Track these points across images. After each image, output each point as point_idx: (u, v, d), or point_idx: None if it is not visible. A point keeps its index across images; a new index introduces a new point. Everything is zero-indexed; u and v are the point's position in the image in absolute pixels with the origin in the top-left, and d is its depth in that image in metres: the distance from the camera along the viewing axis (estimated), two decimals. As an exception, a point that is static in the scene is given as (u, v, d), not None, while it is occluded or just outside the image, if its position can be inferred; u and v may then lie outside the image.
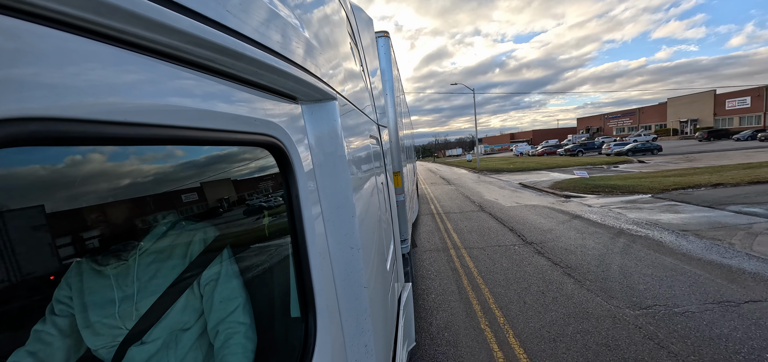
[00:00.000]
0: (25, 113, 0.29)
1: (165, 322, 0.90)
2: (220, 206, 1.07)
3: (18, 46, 0.29)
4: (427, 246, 7.19)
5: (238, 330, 0.94)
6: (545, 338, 3.58)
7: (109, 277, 0.86)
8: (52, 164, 0.54)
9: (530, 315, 4.06)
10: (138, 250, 0.88)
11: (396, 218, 3.15)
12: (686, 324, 3.63)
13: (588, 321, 3.82)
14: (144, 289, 0.88)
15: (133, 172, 0.71)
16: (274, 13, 0.68)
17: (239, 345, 0.93)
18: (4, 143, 0.29)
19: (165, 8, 0.40)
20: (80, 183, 0.61)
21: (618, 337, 3.50)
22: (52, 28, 0.32)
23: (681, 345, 3.30)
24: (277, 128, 0.75)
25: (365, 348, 1.08)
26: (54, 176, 0.55)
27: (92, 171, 0.61)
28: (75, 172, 0.57)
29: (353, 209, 1.04)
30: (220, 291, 0.95)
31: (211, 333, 0.96)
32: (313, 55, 0.90)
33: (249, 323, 0.96)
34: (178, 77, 0.49)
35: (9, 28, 0.28)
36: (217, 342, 0.94)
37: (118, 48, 0.39)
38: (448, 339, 3.74)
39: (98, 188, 0.67)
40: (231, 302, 0.95)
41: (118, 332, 0.86)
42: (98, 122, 0.36)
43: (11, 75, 0.28)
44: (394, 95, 4.53)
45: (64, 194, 0.63)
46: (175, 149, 0.76)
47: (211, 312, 0.95)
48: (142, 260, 0.88)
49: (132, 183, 0.73)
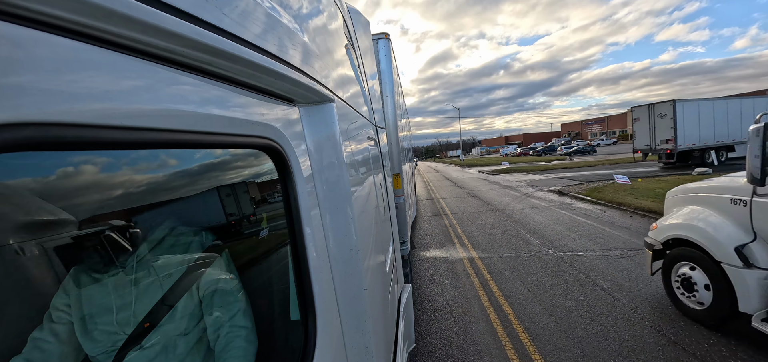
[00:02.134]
0: (21, 118, 0.29)
1: (164, 327, 0.90)
2: (219, 210, 1.07)
3: (13, 51, 0.29)
4: (422, 195, 16.64)
5: (239, 334, 0.94)
6: (471, 222, 9.68)
7: (107, 285, 0.86)
8: (49, 169, 0.54)
9: (463, 211, 11.56)
10: (135, 256, 0.88)
11: (395, 220, 3.15)
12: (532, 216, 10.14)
13: (491, 214, 10.53)
14: (142, 295, 0.87)
15: (131, 178, 0.71)
16: (270, 15, 0.68)
17: (241, 349, 0.93)
18: (1, 149, 0.29)
19: (161, 12, 0.40)
20: (77, 189, 0.60)
21: (495, 222, 9.62)
22: (47, 32, 0.32)
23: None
24: (275, 131, 0.75)
25: (365, 350, 1.08)
26: (51, 182, 0.55)
27: (89, 177, 0.61)
28: (72, 178, 0.57)
29: (352, 211, 1.04)
30: (221, 295, 0.95)
31: (211, 337, 0.95)
32: (310, 57, 0.90)
33: (250, 326, 0.96)
34: (175, 81, 0.49)
35: (4, 33, 0.28)
36: (218, 346, 0.94)
37: (115, 52, 0.39)
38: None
39: (94, 194, 0.66)
40: (232, 306, 0.95)
41: (116, 338, 0.85)
42: (95, 126, 0.36)
43: (7, 80, 0.28)
44: (394, 96, 4.54)
45: (60, 200, 0.62)
46: (173, 154, 0.76)
47: (211, 317, 0.95)
48: (140, 267, 0.88)
49: (129, 189, 0.73)
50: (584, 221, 8.50)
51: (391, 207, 2.96)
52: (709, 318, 3.49)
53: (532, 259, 6.12)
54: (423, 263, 6.59)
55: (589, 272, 5.31)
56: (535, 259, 6.12)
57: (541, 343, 3.66)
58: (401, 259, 3.47)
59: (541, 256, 6.23)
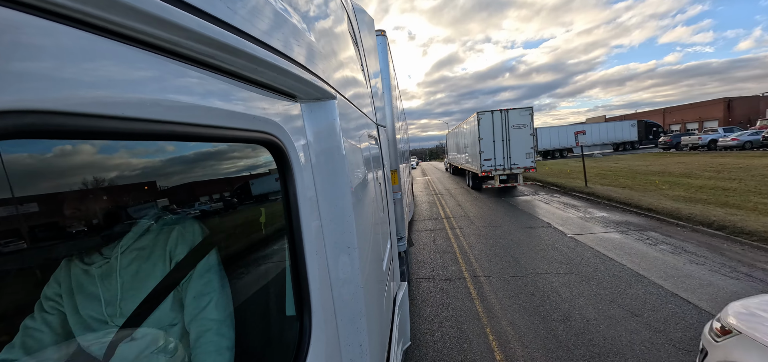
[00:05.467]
0: (22, 106, 0.29)
1: (153, 318, 0.89)
2: (215, 202, 1.07)
3: (17, 39, 0.28)
4: (417, 175, 30.44)
5: (209, 327, 0.91)
6: (445, 186, 21.00)
7: (94, 275, 0.86)
8: (47, 158, 0.54)
9: (440, 178, 25.27)
10: (119, 247, 0.87)
11: (393, 216, 3.15)
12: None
13: (465, 193, 16.52)
14: (128, 286, 0.86)
15: (127, 169, 0.71)
16: (275, 11, 0.68)
17: (211, 344, 0.91)
18: (3, 136, 0.29)
19: (169, 5, 0.40)
20: (74, 179, 0.60)
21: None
22: (51, 21, 0.32)
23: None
24: (276, 126, 0.74)
25: (360, 347, 1.08)
26: (49, 171, 0.54)
27: (83, 167, 0.60)
28: (68, 167, 0.57)
29: (350, 208, 1.04)
30: (193, 286, 0.93)
31: (187, 327, 0.93)
32: (314, 53, 0.90)
33: (222, 319, 0.93)
34: (177, 73, 0.48)
35: (9, 21, 0.28)
36: (191, 339, 0.92)
37: (119, 43, 0.39)
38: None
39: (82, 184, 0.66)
40: (203, 297, 0.93)
41: (107, 328, 0.85)
42: (97, 116, 0.36)
43: (10, 68, 0.28)
44: (391, 94, 4.53)
45: (55, 190, 0.62)
46: (169, 145, 0.75)
47: (185, 309, 0.93)
48: (123, 258, 0.87)
49: (119, 180, 0.72)
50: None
51: (390, 204, 2.96)
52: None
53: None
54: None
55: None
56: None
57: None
58: (398, 256, 3.48)
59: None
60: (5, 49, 0.28)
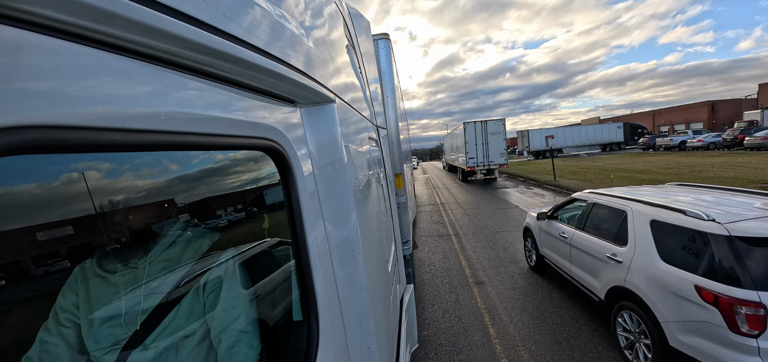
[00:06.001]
0: (24, 122, 0.30)
1: (169, 328, 0.90)
2: (222, 212, 1.07)
3: (17, 55, 0.29)
4: (418, 174, 31.48)
5: (240, 339, 0.94)
6: (437, 173, 30.76)
7: (116, 284, 0.87)
8: (53, 173, 0.54)
9: (438, 176, 28.36)
10: (148, 257, 0.89)
11: (397, 219, 3.15)
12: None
13: (457, 186, 19.59)
14: (151, 296, 0.88)
15: (135, 180, 0.71)
16: (272, 17, 0.69)
17: (241, 354, 0.93)
18: (5, 152, 0.29)
19: (165, 15, 0.40)
20: (83, 192, 0.61)
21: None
22: (51, 36, 0.32)
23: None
24: (276, 132, 0.75)
25: (368, 350, 1.08)
26: (57, 185, 0.55)
27: (95, 179, 0.61)
28: (77, 180, 0.57)
29: (353, 211, 1.04)
30: (224, 298, 0.96)
31: (214, 339, 0.96)
32: (311, 58, 0.91)
33: (251, 331, 0.97)
34: (178, 83, 0.49)
35: (8, 38, 0.28)
36: (220, 349, 0.94)
37: (118, 56, 0.39)
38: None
39: (102, 195, 0.67)
40: (234, 310, 0.96)
41: (122, 337, 0.86)
42: (99, 129, 0.37)
43: (11, 84, 0.28)
44: (394, 97, 4.53)
45: (66, 203, 0.63)
46: (176, 156, 0.76)
47: (214, 320, 0.95)
48: (151, 268, 0.89)
49: (134, 192, 0.73)
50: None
51: (393, 207, 2.96)
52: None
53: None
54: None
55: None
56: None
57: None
58: (403, 259, 3.47)
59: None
60: (6, 66, 0.28)
